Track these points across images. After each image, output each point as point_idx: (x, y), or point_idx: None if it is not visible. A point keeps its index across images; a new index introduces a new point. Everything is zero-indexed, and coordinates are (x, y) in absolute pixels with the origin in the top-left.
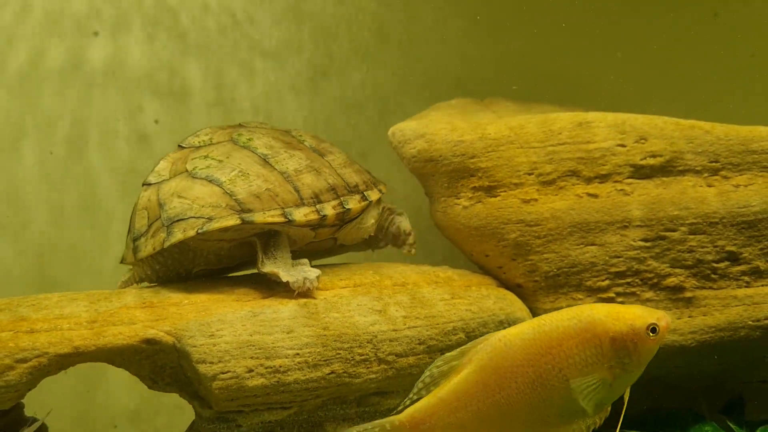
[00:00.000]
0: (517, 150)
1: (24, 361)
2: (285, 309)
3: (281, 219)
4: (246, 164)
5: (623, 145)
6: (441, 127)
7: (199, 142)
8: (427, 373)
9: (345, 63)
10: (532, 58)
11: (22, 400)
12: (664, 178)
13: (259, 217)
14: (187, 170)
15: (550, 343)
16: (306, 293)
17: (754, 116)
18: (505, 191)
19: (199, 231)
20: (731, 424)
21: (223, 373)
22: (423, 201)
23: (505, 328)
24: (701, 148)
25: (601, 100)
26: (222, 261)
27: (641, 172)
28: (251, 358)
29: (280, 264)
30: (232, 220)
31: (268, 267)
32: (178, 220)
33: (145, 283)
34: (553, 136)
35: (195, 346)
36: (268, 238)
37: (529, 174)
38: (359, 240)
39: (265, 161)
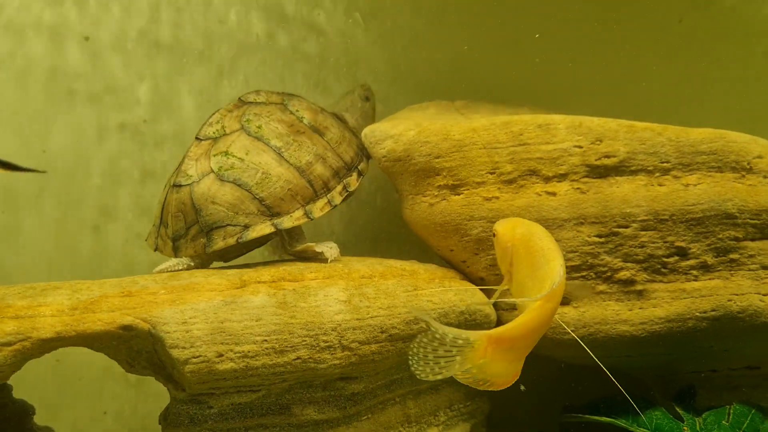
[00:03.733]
0: (480, 150)
1: (8, 344)
2: (255, 299)
3: (305, 219)
4: (265, 162)
5: (580, 146)
6: (409, 129)
7: (214, 132)
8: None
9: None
10: (501, 62)
11: (10, 383)
12: (618, 178)
13: (287, 222)
14: (213, 170)
15: None
16: (335, 259)
17: (715, 118)
18: (468, 189)
19: (239, 240)
20: (679, 410)
21: (194, 358)
22: None
23: (465, 318)
24: (653, 149)
25: (568, 101)
26: (249, 248)
27: (596, 172)
28: (221, 343)
29: (306, 240)
30: (267, 229)
31: (299, 245)
32: (216, 228)
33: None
34: (515, 137)
35: (168, 332)
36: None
37: (491, 173)
38: None
39: (280, 156)
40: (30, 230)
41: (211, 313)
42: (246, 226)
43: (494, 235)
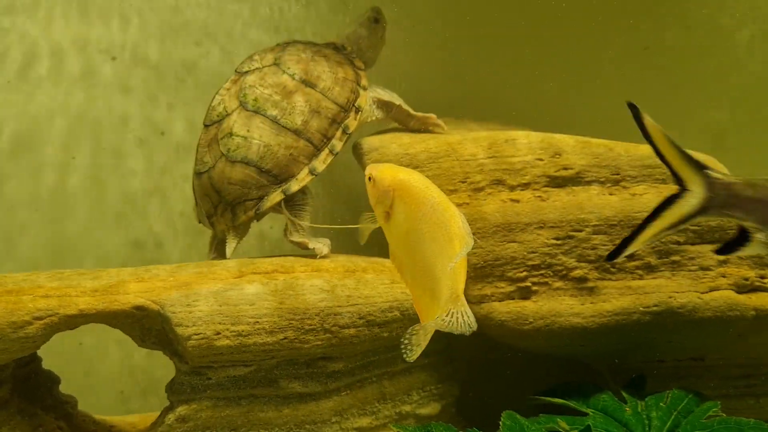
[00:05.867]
0: (454, 162)
1: (40, 318)
2: (251, 287)
3: (310, 177)
4: (265, 135)
5: (541, 159)
6: (392, 142)
7: (217, 115)
8: None
9: None
10: (486, 86)
11: (40, 356)
12: (574, 187)
13: (294, 186)
14: (223, 153)
15: None
16: (325, 256)
17: (677, 137)
18: None
19: (257, 212)
20: (624, 394)
21: (196, 335)
22: None
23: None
24: (605, 162)
25: (542, 121)
26: (265, 213)
27: (555, 182)
28: (219, 323)
29: (305, 235)
30: (278, 196)
31: (297, 237)
32: (237, 203)
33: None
34: (484, 150)
35: (174, 313)
36: (295, 210)
37: (463, 182)
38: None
39: (277, 125)
40: None
41: (211, 297)
42: (260, 198)
43: (370, 179)
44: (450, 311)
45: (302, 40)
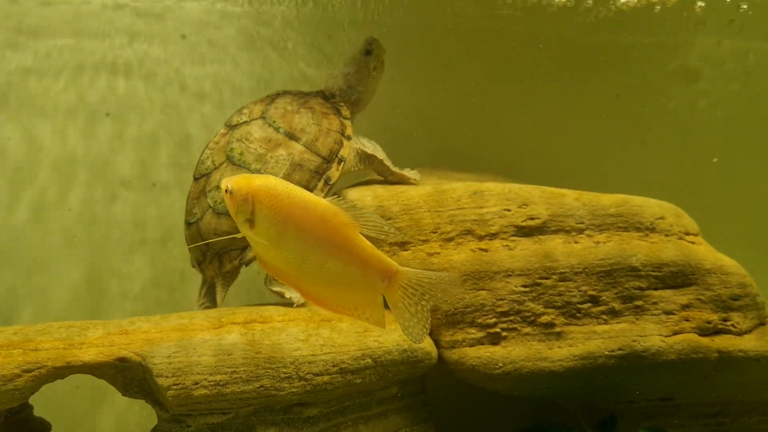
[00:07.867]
0: (425, 213)
1: (29, 371)
2: (229, 337)
3: None
4: None
5: (509, 210)
6: (366, 195)
7: (206, 169)
8: None
9: None
10: (460, 136)
11: (31, 404)
12: (541, 236)
13: None
14: (210, 206)
15: None
16: (302, 305)
17: (647, 183)
18: (414, 246)
19: (241, 261)
20: None
21: (175, 385)
22: None
23: (408, 355)
24: (570, 212)
25: (521, 170)
26: (250, 262)
27: (523, 231)
28: (198, 374)
29: (284, 284)
30: None
31: (276, 287)
32: (223, 253)
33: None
34: (454, 202)
35: (155, 364)
36: None
37: (434, 232)
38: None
39: None
40: None
41: (191, 348)
42: (243, 248)
43: (227, 191)
44: (405, 287)
45: (292, 90)
